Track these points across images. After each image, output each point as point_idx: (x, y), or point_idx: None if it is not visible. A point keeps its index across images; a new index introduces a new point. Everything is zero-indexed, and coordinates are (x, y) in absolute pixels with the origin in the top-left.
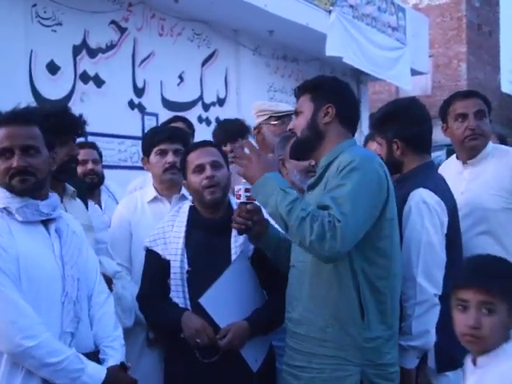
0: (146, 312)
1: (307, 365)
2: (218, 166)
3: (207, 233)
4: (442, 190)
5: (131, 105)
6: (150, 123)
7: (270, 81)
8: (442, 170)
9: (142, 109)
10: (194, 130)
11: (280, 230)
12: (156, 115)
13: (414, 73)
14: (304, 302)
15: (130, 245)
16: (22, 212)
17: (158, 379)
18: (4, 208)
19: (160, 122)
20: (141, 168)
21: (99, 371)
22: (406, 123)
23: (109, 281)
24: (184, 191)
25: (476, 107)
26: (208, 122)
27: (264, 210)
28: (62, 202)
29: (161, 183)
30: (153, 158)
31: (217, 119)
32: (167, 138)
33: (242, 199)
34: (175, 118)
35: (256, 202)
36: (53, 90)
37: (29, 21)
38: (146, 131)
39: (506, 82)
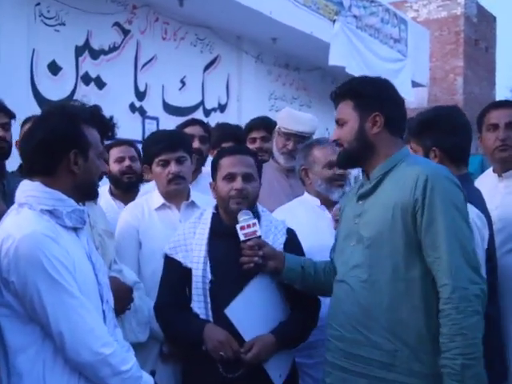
0: (164, 322)
1: None
2: (250, 179)
3: (230, 241)
4: (480, 203)
5: (132, 108)
6: (151, 127)
7: (271, 88)
8: (477, 183)
9: (142, 112)
10: (210, 134)
11: (300, 257)
12: (157, 119)
13: (414, 85)
14: (362, 321)
15: (137, 254)
16: (70, 217)
17: None
18: (47, 211)
19: (161, 126)
20: None
21: (149, 379)
22: (446, 132)
23: (129, 290)
24: (193, 198)
25: (508, 118)
26: None
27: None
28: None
29: (166, 194)
30: (155, 168)
31: None
32: (168, 147)
33: (241, 238)
34: (193, 122)
35: (256, 237)
36: (54, 90)
37: (32, 19)
38: (146, 135)
39: (502, 97)
